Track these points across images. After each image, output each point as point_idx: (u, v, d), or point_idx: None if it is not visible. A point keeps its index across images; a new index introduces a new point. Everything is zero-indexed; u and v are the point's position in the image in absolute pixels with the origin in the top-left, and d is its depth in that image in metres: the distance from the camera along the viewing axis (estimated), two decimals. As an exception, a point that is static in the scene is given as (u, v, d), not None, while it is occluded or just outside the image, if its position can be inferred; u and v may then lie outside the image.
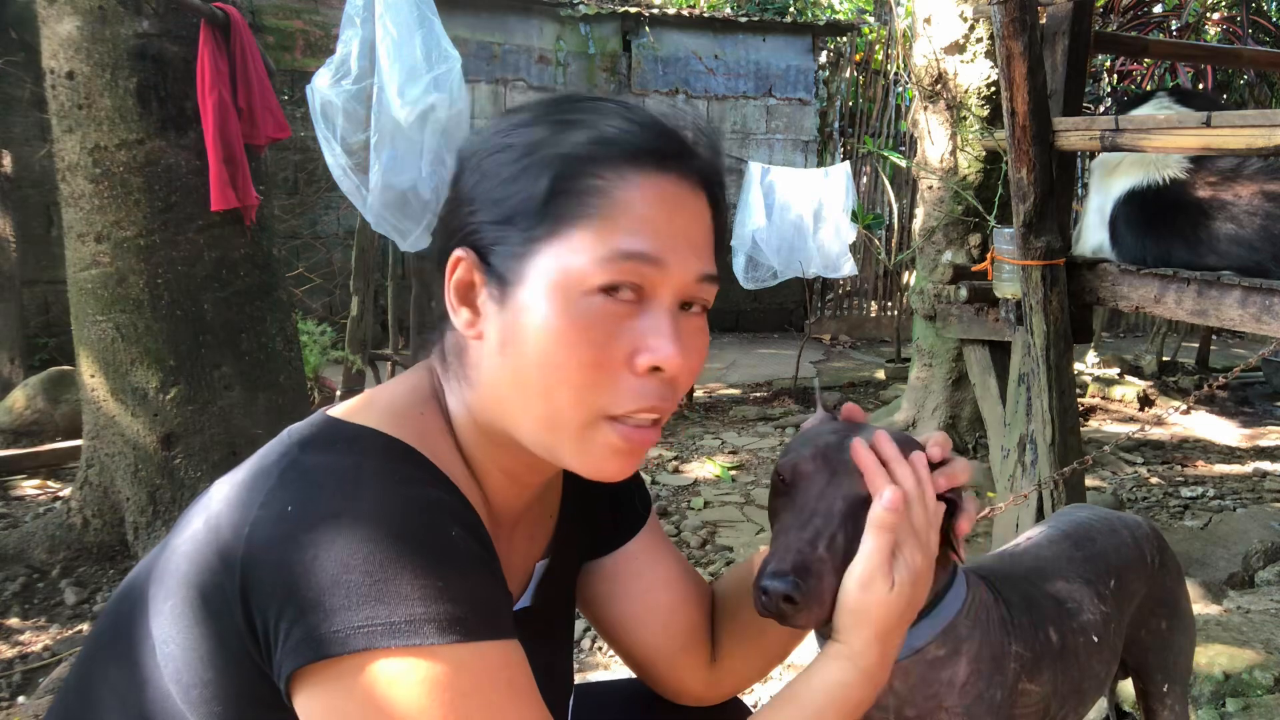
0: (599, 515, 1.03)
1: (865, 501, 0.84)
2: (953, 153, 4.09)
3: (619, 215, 0.75)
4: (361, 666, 0.66)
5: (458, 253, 0.79)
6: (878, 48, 8.96)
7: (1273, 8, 7.70)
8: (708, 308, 0.83)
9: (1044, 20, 2.76)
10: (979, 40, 3.89)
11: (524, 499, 0.90)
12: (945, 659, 0.98)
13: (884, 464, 0.85)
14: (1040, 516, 2.68)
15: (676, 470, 4.32)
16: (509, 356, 0.77)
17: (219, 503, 0.75)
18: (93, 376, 2.99)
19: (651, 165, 0.77)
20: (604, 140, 0.77)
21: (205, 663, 0.72)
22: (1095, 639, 1.17)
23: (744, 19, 8.36)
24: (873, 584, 0.80)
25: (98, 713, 0.79)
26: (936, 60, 4.00)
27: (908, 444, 0.89)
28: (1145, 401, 5.71)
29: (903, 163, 7.29)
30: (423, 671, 0.66)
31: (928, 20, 4.01)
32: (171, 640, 0.74)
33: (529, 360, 0.76)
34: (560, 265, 0.75)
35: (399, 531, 0.68)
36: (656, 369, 0.76)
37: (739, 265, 5.54)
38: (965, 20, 3.89)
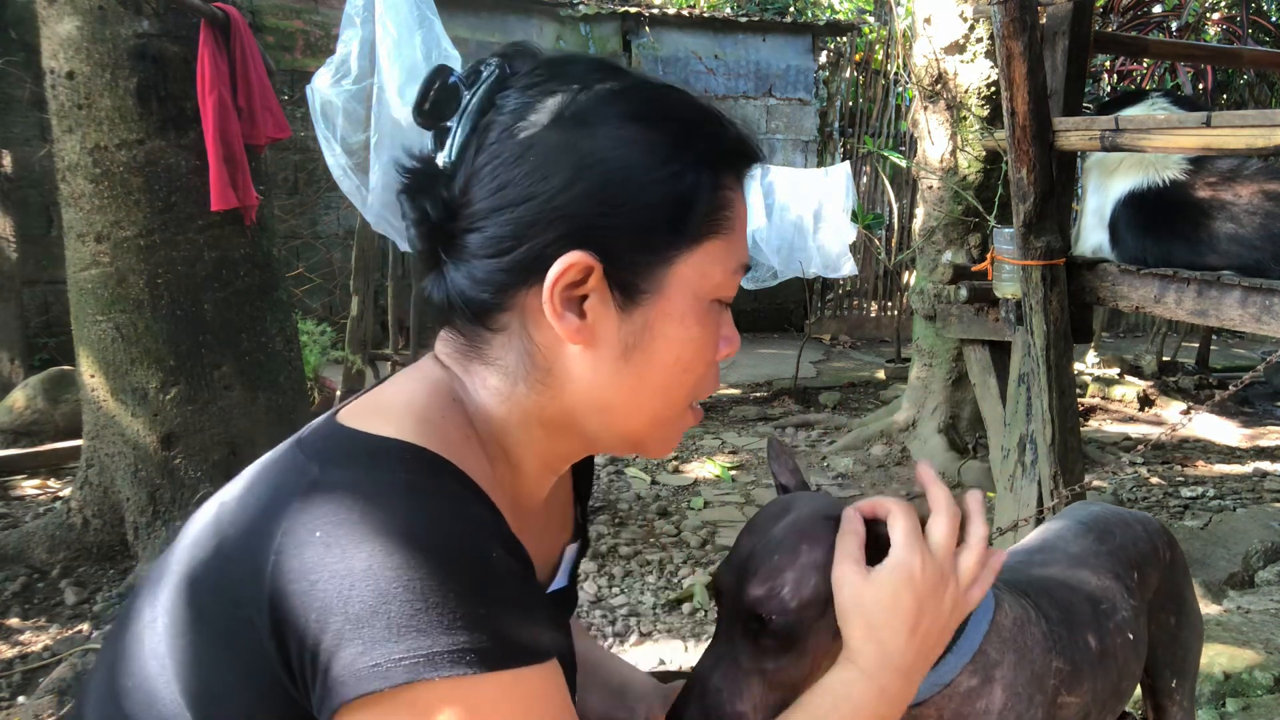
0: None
1: (751, 618, 0.81)
2: (953, 153, 4.09)
3: (739, 227, 0.80)
4: (404, 700, 0.63)
5: (573, 257, 0.72)
6: (878, 48, 8.96)
7: (1273, 8, 7.70)
8: None
9: (1044, 20, 2.76)
10: (979, 40, 3.89)
11: (549, 486, 0.89)
12: (978, 689, 0.94)
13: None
14: (1040, 519, 2.68)
15: (676, 470, 4.32)
16: (634, 363, 0.77)
17: (231, 526, 0.71)
18: (93, 376, 2.99)
19: (746, 173, 0.81)
20: (728, 152, 0.79)
21: (229, 697, 0.69)
22: (1130, 636, 1.15)
23: (744, 19, 8.36)
24: (844, 580, 0.79)
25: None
26: (936, 60, 4.00)
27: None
28: (1145, 401, 5.71)
29: (903, 163, 7.29)
30: (467, 702, 0.64)
31: (928, 20, 4.01)
32: (193, 676, 0.70)
33: (659, 365, 0.78)
34: (701, 276, 0.77)
35: (438, 555, 0.65)
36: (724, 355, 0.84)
37: (739, 265, 5.53)
38: (965, 20, 3.89)
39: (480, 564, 0.67)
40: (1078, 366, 6.19)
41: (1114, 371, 6.32)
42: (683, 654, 2.63)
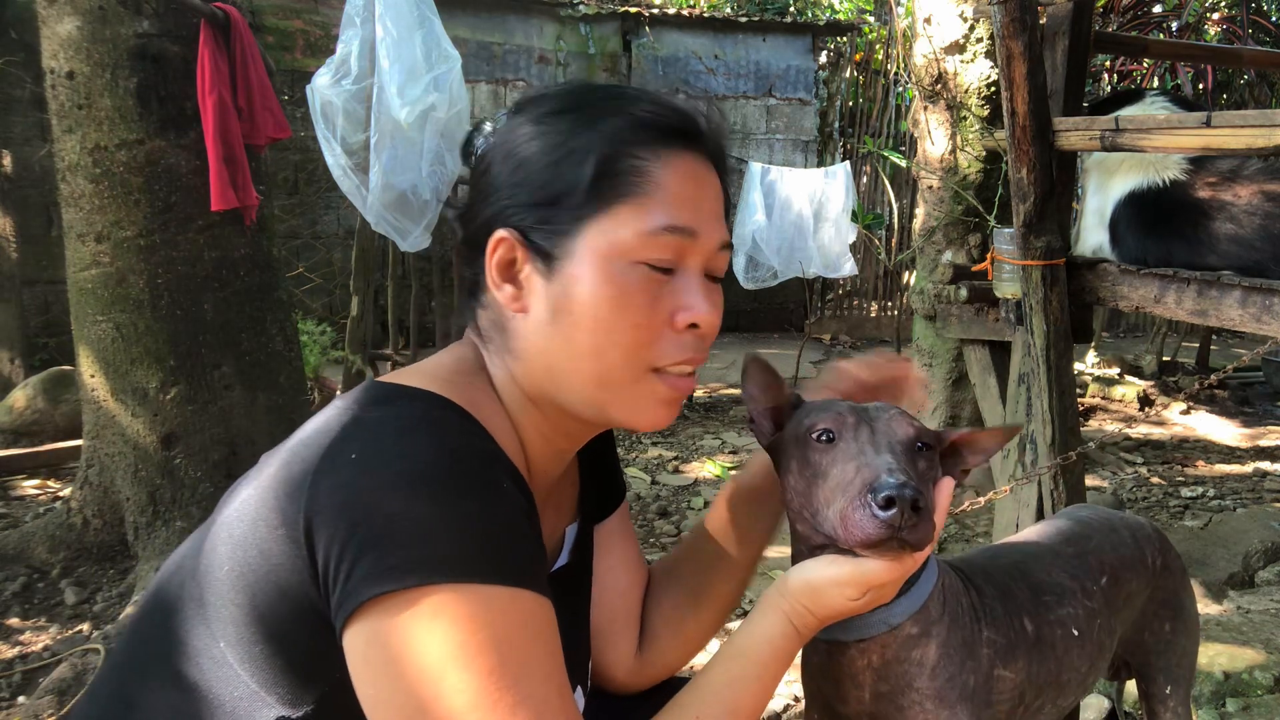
0: (595, 486, 1.09)
1: (916, 442, 0.92)
2: (953, 152, 4.08)
3: (658, 193, 0.84)
4: (410, 602, 0.69)
5: (500, 234, 0.85)
6: (878, 48, 8.96)
7: (1273, 8, 7.70)
8: (721, 275, 0.91)
9: (1044, 20, 2.76)
10: (979, 40, 3.89)
11: (558, 466, 0.96)
12: (917, 638, 1.01)
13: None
14: (1040, 518, 2.68)
15: (676, 470, 4.32)
16: (561, 325, 0.84)
17: (273, 470, 0.78)
18: (93, 376, 2.99)
19: (679, 145, 0.87)
20: (639, 124, 0.86)
21: (267, 618, 0.75)
22: (1075, 632, 1.18)
23: (744, 19, 8.35)
24: (847, 586, 0.88)
25: (145, 698, 0.81)
26: (936, 60, 4.00)
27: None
28: (1145, 401, 5.71)
29: (903, 163, 7.29)
30: (467, 608, 0.69)
31: (928, 20, 4.01)
32: (230, 603, 0.76)
33: (582, 326, 0.83)
34: (608, 240, 0.83)
35: (455, 478, 0.73)
36: (693, 325, 0.86)
37: (739, 265, 5.54)
38: (965, 20, 3.88)
39: (492, 490, 0.75)
40: (1078, 366, 6.19)
41: (1114, 371, 6.32)
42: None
